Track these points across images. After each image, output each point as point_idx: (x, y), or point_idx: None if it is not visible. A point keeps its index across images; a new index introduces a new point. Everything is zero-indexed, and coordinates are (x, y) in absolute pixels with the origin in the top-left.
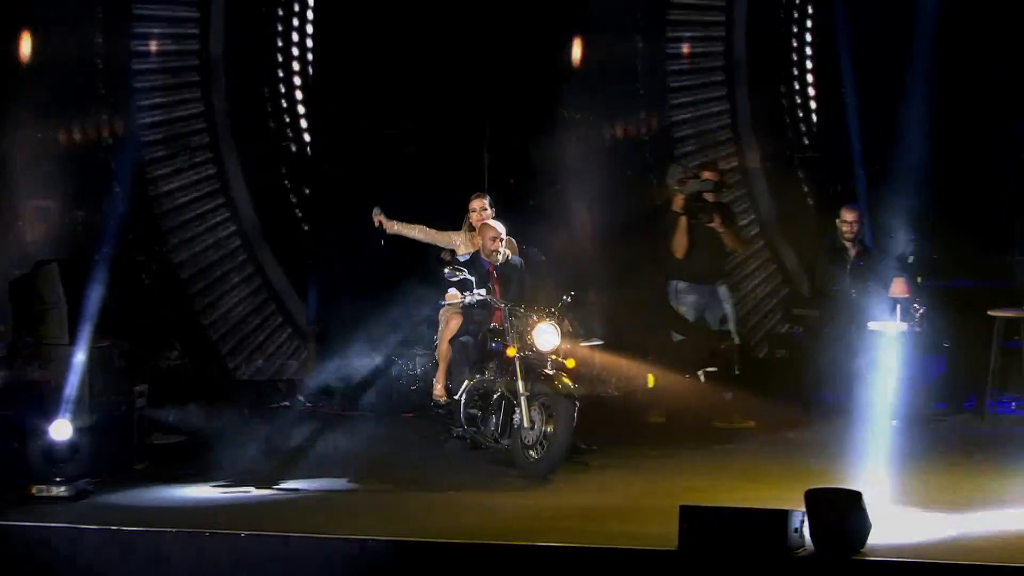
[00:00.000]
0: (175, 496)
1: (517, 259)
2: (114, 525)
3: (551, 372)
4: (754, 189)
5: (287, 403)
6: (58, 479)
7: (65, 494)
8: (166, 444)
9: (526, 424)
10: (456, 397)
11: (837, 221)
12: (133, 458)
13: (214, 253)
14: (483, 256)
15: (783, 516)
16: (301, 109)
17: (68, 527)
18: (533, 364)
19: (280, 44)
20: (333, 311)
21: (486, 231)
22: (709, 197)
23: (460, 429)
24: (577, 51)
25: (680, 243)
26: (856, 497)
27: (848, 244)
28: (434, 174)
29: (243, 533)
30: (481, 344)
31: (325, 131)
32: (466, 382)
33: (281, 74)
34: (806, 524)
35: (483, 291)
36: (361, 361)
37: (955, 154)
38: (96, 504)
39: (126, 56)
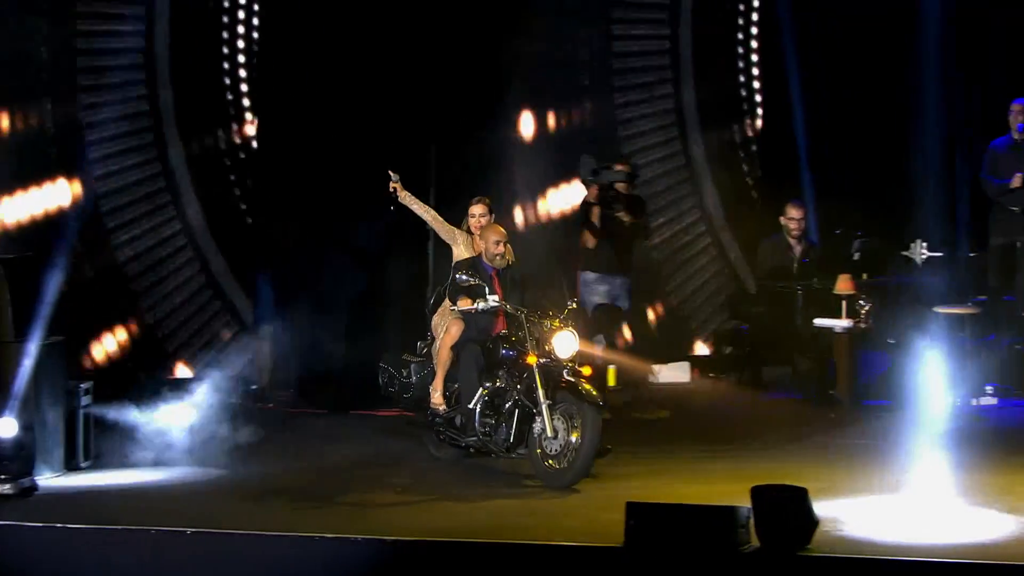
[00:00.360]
0: (121, 493)
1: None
2: (59, 523)
3: (571, 379)
4: (699, 181)
5: (236, 399)
6: (3, 476)
7: (10, 491)
8: (112, 440)
9: (549, 433)
10: (471, 406)
11: (783, 219)
12: (79, 455)
13: (160, 251)
14: (485, 260)
15: (729, 512)
16: (247, 103)
17: (13, 525)
18: (552, 372)
19: (225, 39)
20: (285, 308)
21: (490, 235)
22: (621, 188)
23: (473, 439)
24: (522, 41)
25: (591, 234)
26: (801, 493)
27: (794, 241)
28: (381, 168)
29: (189, 530)
30: (489, 351)
31: (271, 126)
32: (480, 390)
33: (226, 68)
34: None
35: (495, 297)
36: (317, 358)
37: (902, 150)
38: (41, 501)
39: (72, 50)
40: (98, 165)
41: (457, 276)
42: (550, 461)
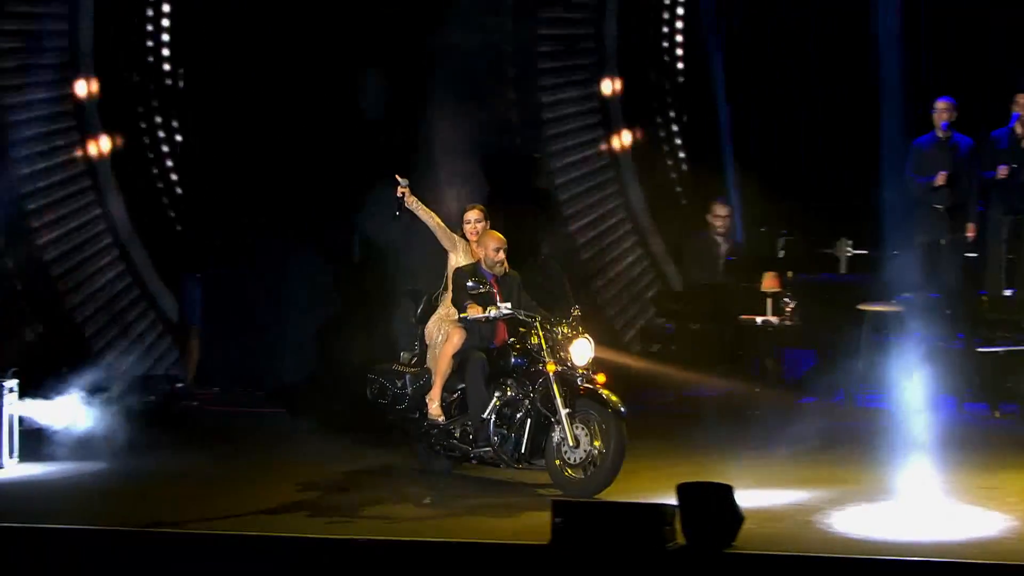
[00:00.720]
0: (47, 491)
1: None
2: None
3: (590, 387)
4: (622, 175)
5: (154, 397)
6: None
7: None
8: (35, 438)
9: (570, 443)
10: (485, 416)
11: (708, 216)
12: (3, 452)
13: (83, 247)
14: (485, 267)
15: (655, 510)
16: (174, 105)
17: None
18: (569, 379)
19: (151, 40)
20: (215, 308)
21: (490, 241)
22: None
23: (485, 449)
24: (448, 34)
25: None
26: (727, 491)
27: (719, 239)
28: (310, 167)
29: (121, 528)
30: (494, 360)
31: (198, 128)
32: (494, 400)
33: (153, 70)
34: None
35: (508, 305)
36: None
37: (829, 149)
38: None
39: None
40: (22, 161)
41: (468, 284)
42: (570, 471)
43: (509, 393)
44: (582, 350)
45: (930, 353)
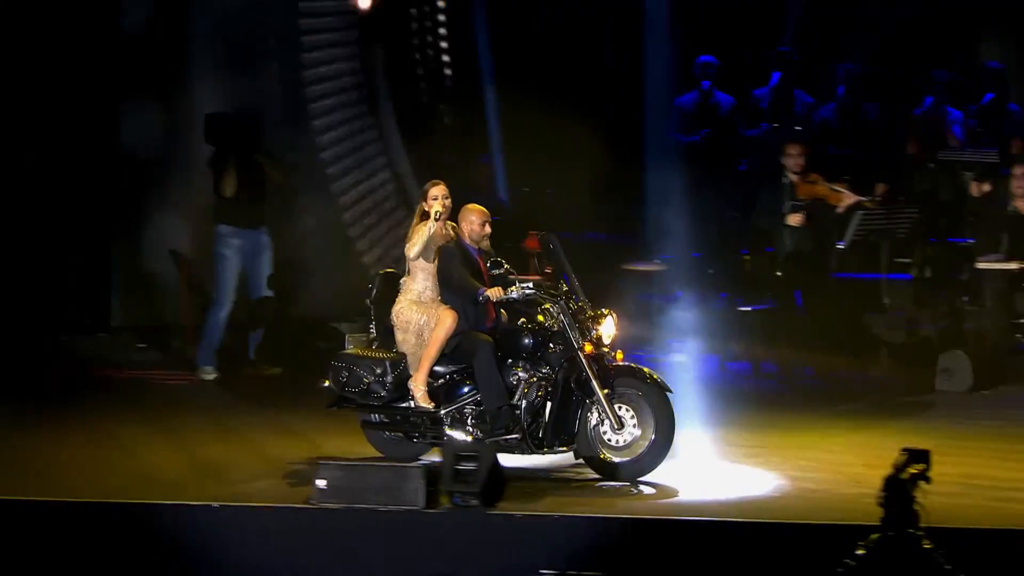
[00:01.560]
0: None
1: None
2: None
3: (623, 364)
4: (389, 145)
5: None
6: None
7: None
8: None
9: (614, 424)
10: (517, 400)
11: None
12: None
13: None
14: (468, 243)
15: (418, 472)
16: None
17: None
18: (598, 359)
19: None
20: None
21: (473, 216)
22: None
23: (515, 436)
24: (208, 3)
25: (229, 183)
26: (491, 452)
27: (481, 196)
28: (56, 180)
29: None
30: (499, 342)
31: None
32: (522, 385)
33: None
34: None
35: (530, 284)
36: None
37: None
38: None
39: None
40: None
41: (487, 265)
42: (608, 453)
43: (528, 376)
44: (610, 328)
45: (692, 312)
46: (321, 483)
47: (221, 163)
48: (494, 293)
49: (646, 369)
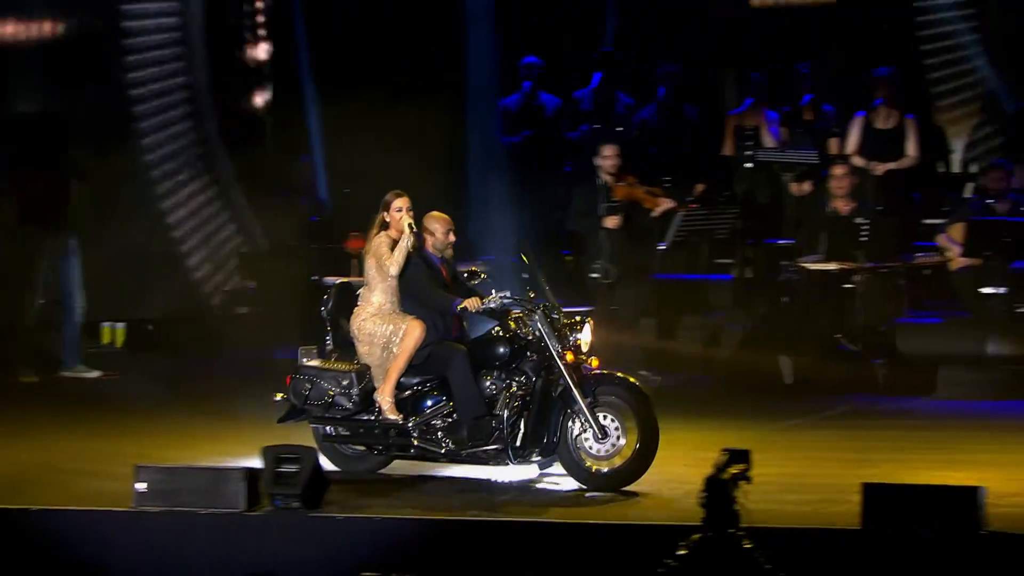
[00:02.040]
0: None
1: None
2: None
3: (603, 372)
4: (214, 147)
5: None
6: None
7: None
8: None
9: (597, 434)
10: (499, 411)
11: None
12: None
13: None
14: (431, 252)
15: (239, 473)
16: None
17: None
18: (580, 367)
19: None
20: None
21: (437, 224)
22: None
23: (495, 447)
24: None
25: (33, 185)
26: (312, 454)
27: (302, 197)
28: None
29: None
30: (476, 351)
31: None
32: (502, 395)
33: None
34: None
35: (507, 293)
36: None
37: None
38: None
39: None
40: None
41: (464, 275)
42: (591, 463)
43: (505, 386)
44: (587, 335)
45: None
46: (141, 486)
47: (24, 164)
48: (472, 304)
49: (628, 376)
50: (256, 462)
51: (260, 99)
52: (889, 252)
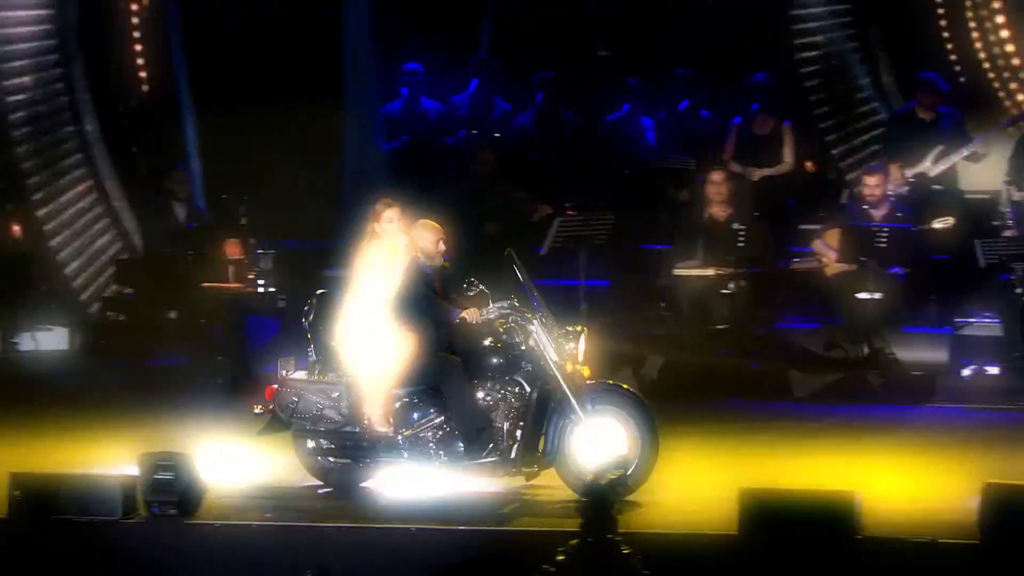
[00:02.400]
0: None
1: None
2: None
3: (599, 382)
4: (92, 152)
5: None
6: None
7: None
8: None
9: (593, 444)
10: (499, 424)
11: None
12: None
13: None
14: (424, 260)
15: (101, 482)
16: None
17: None
18: (576, 376)
19: None
20: None
21: (429, 233)
22: None
23: (494, 458)
24: None
25: None
26: (187, 460)
27: (179, 204)
28: None
29: None
30: (470, 361)
31: None
32: (499, 405)
33: None
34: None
35: (505, 303)
36: None
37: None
38: None
39: None
40: None
41: (463, 286)
42: (590, 473)
43: (501, 396)
44: (583, 344)
45: None
46: (16, 494)
47: None
48: (471, 314)
49: (625, 385)
50: (134, 469)
51: (137, 105)
52: (765, 258)
